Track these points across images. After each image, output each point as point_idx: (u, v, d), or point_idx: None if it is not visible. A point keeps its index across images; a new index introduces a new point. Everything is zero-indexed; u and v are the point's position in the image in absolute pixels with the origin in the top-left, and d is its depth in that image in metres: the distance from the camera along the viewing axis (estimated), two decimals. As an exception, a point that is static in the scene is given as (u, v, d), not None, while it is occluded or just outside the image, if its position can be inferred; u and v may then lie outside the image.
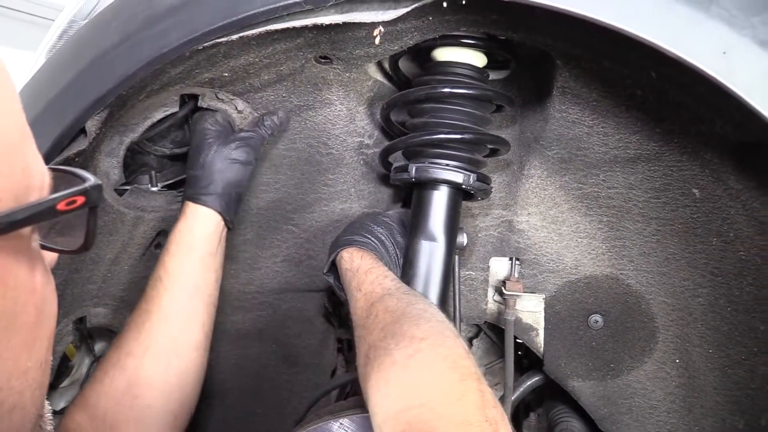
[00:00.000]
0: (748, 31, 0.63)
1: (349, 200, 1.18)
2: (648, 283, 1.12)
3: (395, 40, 0.89)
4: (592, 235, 1.13)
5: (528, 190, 1.13)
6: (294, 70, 0.96)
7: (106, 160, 0.95)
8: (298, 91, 1.02)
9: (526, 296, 1.17)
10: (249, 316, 1.24)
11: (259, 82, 0.97)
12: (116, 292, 1.09)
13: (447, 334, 0.74)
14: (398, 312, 0.78)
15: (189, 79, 0.90)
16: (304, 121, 1.08)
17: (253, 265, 1.21)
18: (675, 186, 1.01)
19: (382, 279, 0.89)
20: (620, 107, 0.95)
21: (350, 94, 1.06)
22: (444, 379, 0.67)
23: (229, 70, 0.91)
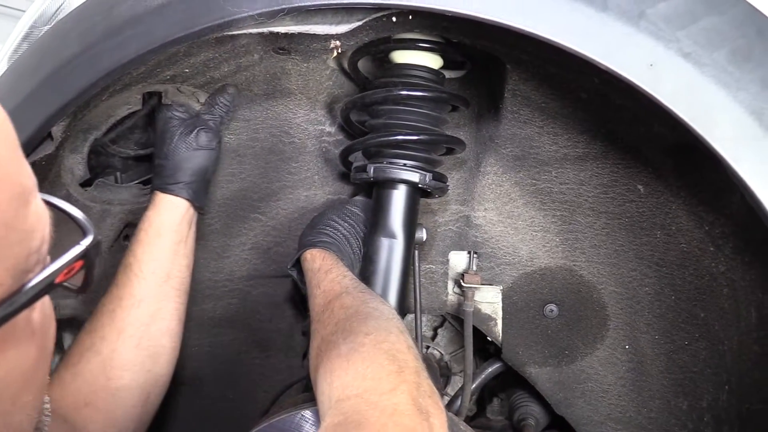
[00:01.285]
0: (673, 44, 0.68)
1: (313, 187, 1.22)
2: (599, 274, 1.17)
3: (351, 36, 0.92)
4: (546, 229, 1.18)
5: (484, 187, 1.17)
6: (253, 62, 0.99)
7: (70, 157, 0.97)
8: (258, 81, 1.04)
9: (484, 288, 1.22)
10: (220, 304, 1.27)
11: (219, 74, 0.99)
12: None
13: (392, 330, 0.78)
14: (352, 309, 0.82)
15: (151, 78, 0.92)
16: (265, 111, 1.10)
17: (222, 253, 1.23)
18: (621, 182, 1.06)
19: (341, 278, 0.93)
20: (567, 108, 1.00)
21: (309, 83, 1.09)
22: (381, 371, 0.71)
23: (189, 66, 0.94)
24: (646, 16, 0.69)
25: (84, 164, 0.98)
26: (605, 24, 0.69)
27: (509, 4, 0.70)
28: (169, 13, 0.76)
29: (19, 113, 0.79)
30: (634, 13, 0.69)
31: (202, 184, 1.03)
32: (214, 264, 1.23)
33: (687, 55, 0.68)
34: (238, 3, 0.74)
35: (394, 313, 0.85)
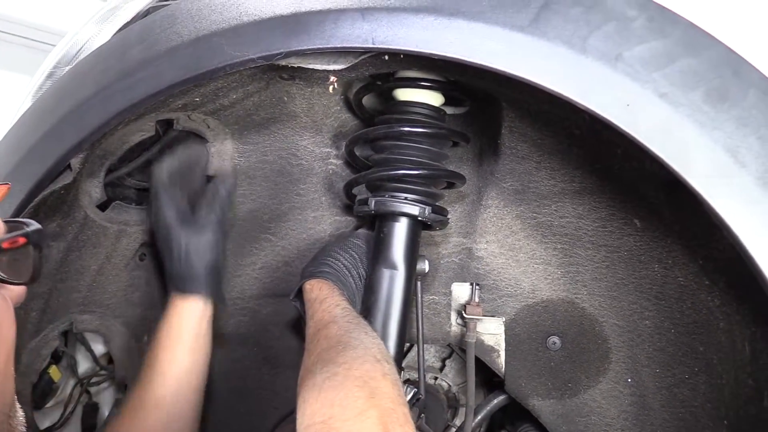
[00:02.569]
0: (649, 85, 0.71)
1: (321, 208, 1.25)
2: (601, 307, 1.18)
3: (353, 70, 0.97)
4: (547, 261, 1.20)
5: (486, 220, 1.20)
6: (260, 88, 1.04)
7: (87, 181, 1.03)
8: (264, 105, 1.09)
9: (486, 319, 1.23)
10: (231, 322, 1.31)
11: (228, 101, 1.05)
12: (102, 299, 1.16)
13: (367, 358, 0.79)
14: (334, 339, 0.85)
15: (163, 107, 0.98)
16: (273, 134, 1.15)
17: (234, 273, 1.27)
18: (618, 216, 1.08)
19: (333, 307, 0.96)
20: (562, 144, 1.02)
21: (314, 107, 1.13)
22: (348, 397, 0.72)
23: (199, 95, 0.99)
24: (623, 59, 0.72)
25: (101, 187, 1.04)
26: (583, 66, 0.72)
27: (489, 47, 0.74)
28: (176, 57, 0.81)
29: (42, 146, 0.85)
30: (612, 55, 0.72)
31: (217, 275, 1.09)
32: (226, 283, 1.27)
33: (663, 95, 0.70)
34: (240, 47, 0.79)
35: (376, 342, 0.86)
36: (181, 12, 0.85)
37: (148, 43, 0.84)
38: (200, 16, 0.83)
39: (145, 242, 1.17)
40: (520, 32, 0.74)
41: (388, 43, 0.76)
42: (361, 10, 0.77)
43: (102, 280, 1.15)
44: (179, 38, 0.82)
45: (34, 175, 0.84)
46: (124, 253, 1.15)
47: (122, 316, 1.20)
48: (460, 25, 0.75)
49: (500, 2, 0.75)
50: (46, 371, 1.14)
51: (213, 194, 1.09)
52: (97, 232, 1.09)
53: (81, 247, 1.08)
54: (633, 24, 0.73)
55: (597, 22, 0.73)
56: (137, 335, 1.23)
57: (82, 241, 1.08)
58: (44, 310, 1.07)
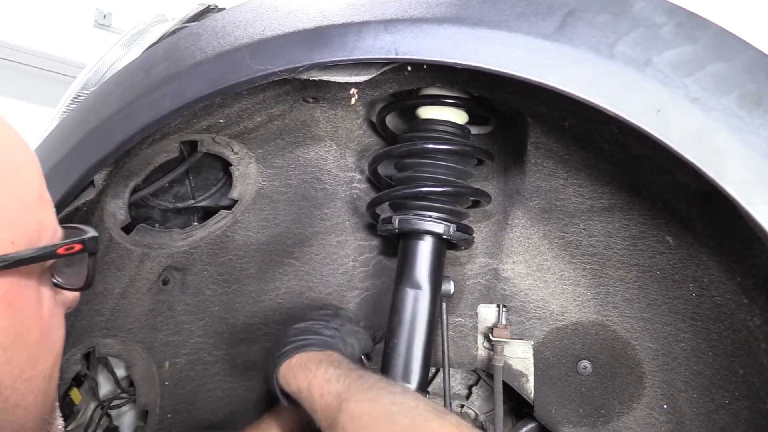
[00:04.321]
0: (680, 90, 0.69)
1: (344, 233, 1.24)
2: (633, 329, 1.14)
3: (376, 87, 0.96)
4: (576, 282, 1.17)
5: (512, 240, 1.17)
6: (284, 111, 1.04)
7: (112, 202, 1.03)
8: (289, 128, 1.09)
9: (514, 342, 1.20)
10: (254, 348, 1.29)
11: (252, 123, 1.05)
12: (124, 324, 1.15)
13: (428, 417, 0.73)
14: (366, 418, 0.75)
15: (188, 128, 0.98)
16: (297, 158, 1.14)
17: (257, 298, 1.26)
18: (650, 233, 1.04)
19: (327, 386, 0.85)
20: (590, 160, 1.00)
21: (338, 131, 1.12)
22: None
23: (224, 117, 0.99)
24: (653, 64, 0.70)
25: (125, 209, 1.04)
26: (611, 72, 0.70)
27: (517, 56, 0.72)
28: (200, 72, 0.82)
29: (65, 163, 0.85)
30: (641, 61, 0.70)
31: None
32: (249, 308, 1.25)
33: (695, 101, 0.68)
34: (263, 61, 0.79)
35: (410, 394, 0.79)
36: (205, 30, 0.86)
37: (173, 60, 0.85)
38: (224, 33, 0.84)
39: (168, 266, 1.16)
40: (545, 40, 0.72)
41: (411, 53, 0.75)
42: (384, 22, 0.76)
43: (125, 304, 1.14)
44: (203, 54, 0.83)
45: (57, 191, 0.84)
46: (147, 276, 1.15)
47: (144, 341, 1.19)
48: (484, 34, 0.74)
49: (524, 11, 0.74)
50: (67, 393, 1.13)
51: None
52: (122, 254, 1.09)
53: (105, 270, 1.08)
54: (661, 30, 0.71)
55: (624, 28, 0.72)
56: (159, 361, 1.22)
57: (106, 264, 1.08)
58: (68, 333, 1.06)
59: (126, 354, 1.16)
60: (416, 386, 1.06)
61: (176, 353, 1.22)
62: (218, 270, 1.22)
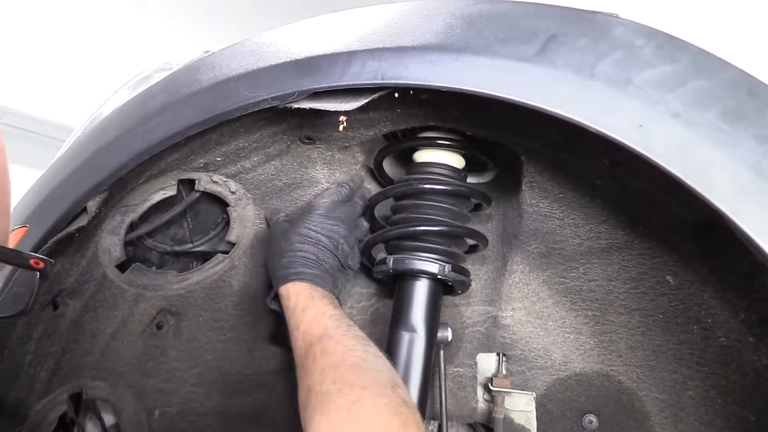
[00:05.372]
0: (662, 106, 0.69)
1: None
2: (639, 379, 1.09)
3: (370, 126, 0.98)
4: (578, 330, 1.13)
5: (511, 286, 1.15)
6: (281, 151, 1.05)
7: (108, 238, 1.02)
8: (286, 169, 1.10)
9: (515, 394, 1.15)
10: (248, 399, 1.24)
11: (249, 163, 1.06)
12: (115, 366, 1.12)
13: (387, 384, 0.77)
14: (336, 357, 0.81)
15: (185, 165, 1.00)
16: (294, 201, 1.14)
17: (252, 347, 1.23)
18: (650, 274, 1.02)
19: (320, 317, 0.92)
20: (585, 197, 1.00)
21: (335, 173, 1.13)
22: (387, 426, 0.70)
23: (221, 155, 1.01)
24: (633, 82, 0.71)
25: (121, 246, 1.03)
26: (592, 90, 0.71)
27: (499, 78, 0.74)
28: (195, 100, 0.84)
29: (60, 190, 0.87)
30: (621, 79, 0.71)
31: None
32: (244, 358, 1.23)
33: (677, 115, 0.69)
34: (255, 90, 0.82)
35: (385, 364, 0.83)
36: (203, 63, 0.89)
37: (169, 92, 0.88)
38: (221, 65, 0.87)
39: (163, 309, 1.15)
40: (527, 63, 0.74)
41: (396, 78, 0.77)
42: (371, 51, 0.79)
43: (116, 346, 1.12)
44: (198, 85, 0.86)
45: (50, 217, 0.86)
46: (140, 318, 1.13)
47: (135, 387, 1.16)
48: (467, 59, 0.76)
49: (507, 36, 0.76)
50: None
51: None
52: (115, 293, 1.08)
53: (97, 308, 1.07)
54: (641, 51, 0.73)
55: (605, 50, 0.73)
56: (149, 409, 1.18)
57: (99, 301, 1.06)
58: (55, 371, 1.04)
59: (115, 398, 1.12)
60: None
61: (167, 401, 1.19)
62: (213, 316, 1.20)
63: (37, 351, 1.00)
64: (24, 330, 0.97)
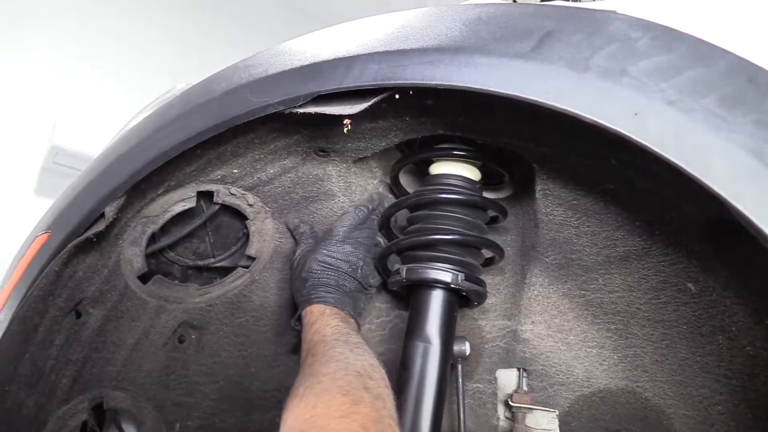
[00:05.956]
0: (657, 94, 0.69)
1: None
2: (666, 395, 1.05)
3: (381, 136, 1.00)
4: (601, 345, 1.10)
5: (531, 299, 1.13)
6: (296, 163, 1.07)
7: (129, 249, 1.05)
8: (302, 182, 1.11)
9: (537, 412, 1.12)
10: (267, 416, 1.24)
11: (266, 175, 1.08)
12: (136, 378, 1.14)
13: (349, 371, 0.78)
14: (319, 355, 0.84)
15: (203, 176, 1.03)
16: (311, 215, 1.16)
17: (273, 362, 1.23)
18: (671, 282, 0.99)
19: (323, 328, 0.96)
20: (598, 203, 0.98)
21: (351, 186, 1.14)
22: (333, 401, 0.71)
23: (237, 166, 1.04)
24: (628, 73, 0.70)
25: (142, 258, 1.06)
26: (586, 83, 0.71)
27: (495, 75, 0.75)
28: (207, 107, 0.88)
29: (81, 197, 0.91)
30: (616, 71, 0.71)
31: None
32: (265, 373, 1.23)
33: (672, 103, 0.68)
34: (262, 95, 0.85)
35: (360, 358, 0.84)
36: (218, 76, 0.93)
37: (185, 102, 0.92)
38: (233, 75, 0.90)
39: (184, 322, 1.17)
40: (522, 59, 0.75)
41: (396, 79, 0.79)
42: (372, 54, 0.81)
43: (138, 357, 1.14)
44: (212, 94, 0.90)
45: (70, 223, 0.90)
46: (162, 331, 1.16)
47: (155, 399, 1.18)
48: (463, 58, 0.77)
49: (503, 35, 0.77)
50: (74, 451, 1.11)
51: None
52: (137, 304, 1.10)
53: (119, 318, 1.09)
54: (637, 43, 0.73)
55: (599, 44, 0.74)
56: (169, 422, 1.19)
57: (120, 312, 1.09)
58: (76, 379, 1.07)
59: (136, 410, 1.14)
60: (425, 447, 1.00)
61: (188, 415, 1.20)
62: (235, 331, 1.21)
63: (59, 357, 1.03)
64: (46, 336, 1.00)
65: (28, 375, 0.99)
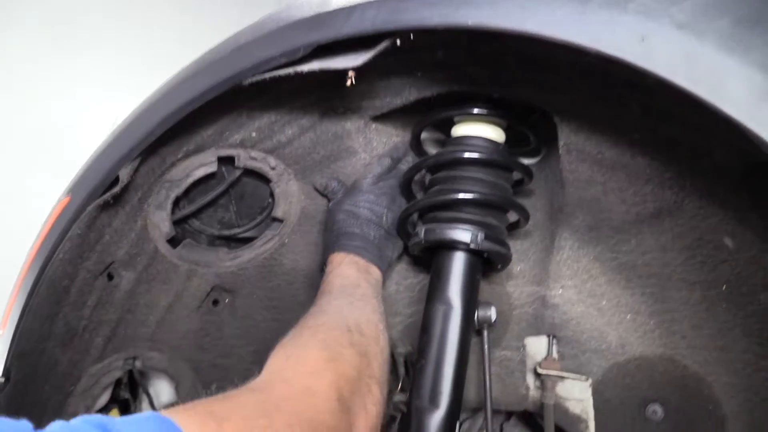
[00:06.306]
0: (665, 18, 0.64)
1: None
2: (706, 362, 0.98)
3: (396, 94, 0.98)
4: (636, 310, 1.04)
5: (560, 263, 1.08)
6: (314, 122, 1.06)
7: (156, 213, 1.07)
8: (321, 141, 1.10)
9: (569, 381, 1.07)
10: None
11: (284, 137, 1.07)
12: (170, 339, 1.15)
13: (337, 326, 0.77)
14: (317, 307, 0.83)
15: (221, 141, 1.03)
16: (335, 173, 1.14)
17: None
18: (707, 239, 0.92)
19: (334, 278, 0.96)
20: (624, 156, 0.92)
21: (372, 143, 1.12)
22: (308, 356, 0.70)
23: (255, 129, 1.03)
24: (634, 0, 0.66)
25: (169, 221, 1.07)
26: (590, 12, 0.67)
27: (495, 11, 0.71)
28: (215, 66, 0.88)
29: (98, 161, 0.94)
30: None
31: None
32: None
33: (682, 26, 0.63)
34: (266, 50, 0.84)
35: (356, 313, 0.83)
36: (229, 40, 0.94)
37: (196, 66, 0.92)
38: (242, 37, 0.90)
39: (217, 285, 1.18)
40: (522, -7, 0.71)
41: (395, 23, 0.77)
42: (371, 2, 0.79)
43: (172, 319, 1.15)
44: (220, 55, 0.90)
45: (88, 186, 0.92)
46: (195, 294, 1.16)
47: (191, 360, 1.19)
48: None
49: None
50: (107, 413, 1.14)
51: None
52: (167, 267, 1.12)
53: (150, 281, 1.11)
54: (646, -31, 0.68)
55: (605, -27, 0.69)
56: (205, 382, 1.21)
57: (151, 275, 1.11)
58: (110, 338, 1.09)
59: (172, 370, 1.16)
60: (445, 411, 0.97)
61: (225, 377, 1.21)
62: (268, 295, 1.21)
63: (92, 318, 1.06)
64: (78, 297, 1.03)
65: (62, 333, 1.02)
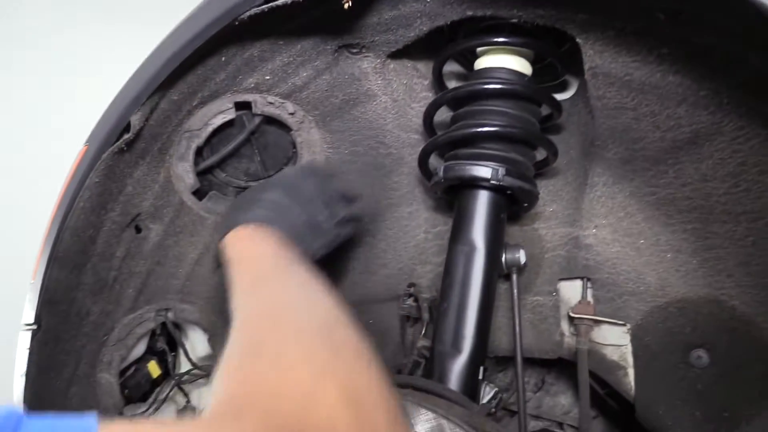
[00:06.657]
0: None
1: (415, 202, 1.16)
2: (755, 302, 0.90)
3: (407, 25, 0.93)
4: (677, 248, 0.96)
5: (593, 201, 1.02)
6: (329, 63, 1.02)
7: (179, 165, 1.06)
8: (339, 84, 1.05)
9: (605, 326, 1.01)
10: None
11: (300, 80, 1.04)
12: (201, 291, 1.15)
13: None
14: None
15: (236, 86, 1.01)
16: (356, 120, 1.10)
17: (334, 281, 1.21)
18: (750, 164, 0.84)
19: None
20: (654, 76, 0.84)
21: (392, 84, 1.07)
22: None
23: (269, 72, 1.01)
24: None
25: (193, 173, 1.07)
26: None
27: None
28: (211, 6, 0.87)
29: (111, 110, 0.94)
30: None
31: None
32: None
33: None
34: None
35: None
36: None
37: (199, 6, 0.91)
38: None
39: None
40: None
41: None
42: None
43: (201, 272, 1.15)
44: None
45: (102, 134, 0.93)
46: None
47: (224, 312, 1.19)
48: None
49: None
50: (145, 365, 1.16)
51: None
52: (194, 220, 1.11)
53: (178, 233, 1.11)
54: None
55: None
56: None
57: (179, 227, 1.11)
58: (141, 290, 1.11)
59: (205, 322, 1.16)
60: (468, 355, 0.93)
61: None
62: None
63: (122, 269, 1.08)
64: (106, 248, 1.04)
65: (92, 284, 1.04)
